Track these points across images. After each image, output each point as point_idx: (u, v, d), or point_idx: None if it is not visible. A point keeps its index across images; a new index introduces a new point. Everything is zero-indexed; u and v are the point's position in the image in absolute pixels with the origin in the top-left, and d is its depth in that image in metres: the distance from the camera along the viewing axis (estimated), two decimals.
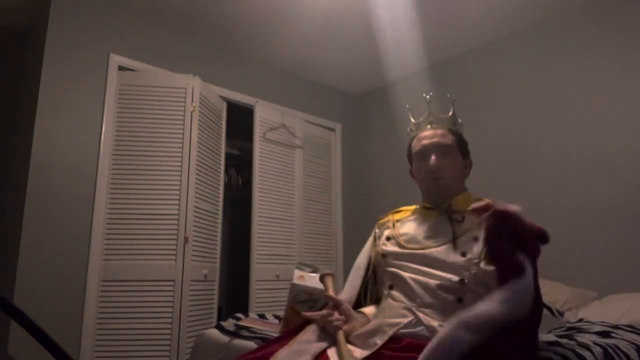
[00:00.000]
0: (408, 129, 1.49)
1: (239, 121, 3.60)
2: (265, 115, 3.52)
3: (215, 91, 3.28)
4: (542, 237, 1.05)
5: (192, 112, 2.92)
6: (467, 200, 1.34)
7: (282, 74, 3.82)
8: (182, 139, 2.86)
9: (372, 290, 1.41)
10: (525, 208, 3.03)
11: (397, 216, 1.47)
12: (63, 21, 2.72)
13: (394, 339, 1.15)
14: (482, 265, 1.16)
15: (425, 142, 1.37)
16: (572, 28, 2.91)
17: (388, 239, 1.40)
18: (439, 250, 1.24)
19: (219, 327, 1.75)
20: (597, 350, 1.25)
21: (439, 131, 1.38)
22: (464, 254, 1.20)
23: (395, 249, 1.34)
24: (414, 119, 1.49)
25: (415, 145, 1.41)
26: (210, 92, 3.18)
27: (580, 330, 1.58)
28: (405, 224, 1.41)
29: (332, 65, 3.75)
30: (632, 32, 2.65)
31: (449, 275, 1.19)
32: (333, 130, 4.09)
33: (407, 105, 1.58)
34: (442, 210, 1.33)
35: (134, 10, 2.98)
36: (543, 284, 2.57)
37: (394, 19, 3.04)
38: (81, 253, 2.59)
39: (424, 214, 1.39)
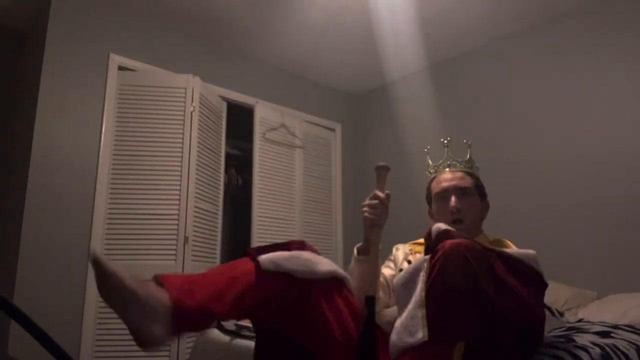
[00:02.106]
0: (426, 172, 1.57)
1: (239, 121, 3.59)
2: (265, 115, 3.52)
3: (215, 91, 3.28)
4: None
5: (192, 112, 2.92)
6: (482, 241, 1.40)
7: (282, 74, 3.82)
8: (182, 139, 2.86)
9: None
10: (525, 209, 3.02)
11: (417, 248, 1.54)
12: (63, 21, 2.73)
13: None
14: None
15: (445, 184, 1.44)
16: (572, 29, 2.91)
17: (409, 262, 1.46)
18: None
19: (219, 327, 1.75)
20: (595, 351, 1.25)
21: (458, 174, 1.45)
22: None
23: None
24: (432, 161, 1.55)
25: (435, 187, 1.47)
26: (210, 92, 3.18)
27: (579, 330, 1.58)
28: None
29: (332, 65, 3.75)
30: (631, 33, 2.65)
31: None
32: (333, 130, 4.09)
33: (426, 149, 1.66)
34: None
35: (134, 11, 2.99)
36: None
37: (394, 19, 3.04)
38: (81, 253, 2.59)
39: None
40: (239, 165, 3.98)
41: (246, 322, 1.78)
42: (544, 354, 1.20)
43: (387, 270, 1.49)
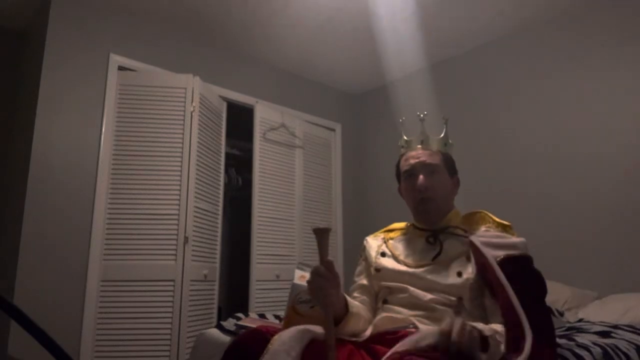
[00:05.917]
0: (399, 144, 1.48)
1: (239, 121, 3.59)
2: (265, 115, 3.52)
3: (215, 91, 3.28)
4: None
5: (192, 112, 2.92)
6: (455, 218, 1.37)
7: (282, 74, 3.82)
8: (182, 139, 2.86)
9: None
10: (524, 209, 3.02)
11: (390, 234, 1.49)
12: (63, 21, 2.73)
13: (389, 332, 1.18)
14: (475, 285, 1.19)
15: (412, 161, 1.38)
16: (572, 29, 2.91)
17: (383, 254, 1.41)
18: (435, 270, 1.26)
19: (219, 327, 1.75)
20: (597, 350, 1.25)
21: (427, 151, 1.39)
22: (459, 274, 1.22)
23: (391, 264, 1.36)
24: (406, 136, 1.47)
25: (404, 165, 1.42)
26: (210, 92, 3.18)
27: (580, 330, 1.58)
28: (399, 242, 1.42)
29: (332, 65, 3.75)
30: (629, 33, 2.65)
31: (446, 295, 1.21)
32: (333, 130, 4.09)
33: (401, 120, 1.57)
34: (432, 231, 1.35)
35: (134, 11, 2.98)
36: None
37: (394, 19, 3.04)
38: (81, 253, 2.59)
39: (416, 233, 1.40)
40: (239, 165, 3.98)
41: (246, 323, 1.78)
42: None
43: (363, 280, 1.43)
